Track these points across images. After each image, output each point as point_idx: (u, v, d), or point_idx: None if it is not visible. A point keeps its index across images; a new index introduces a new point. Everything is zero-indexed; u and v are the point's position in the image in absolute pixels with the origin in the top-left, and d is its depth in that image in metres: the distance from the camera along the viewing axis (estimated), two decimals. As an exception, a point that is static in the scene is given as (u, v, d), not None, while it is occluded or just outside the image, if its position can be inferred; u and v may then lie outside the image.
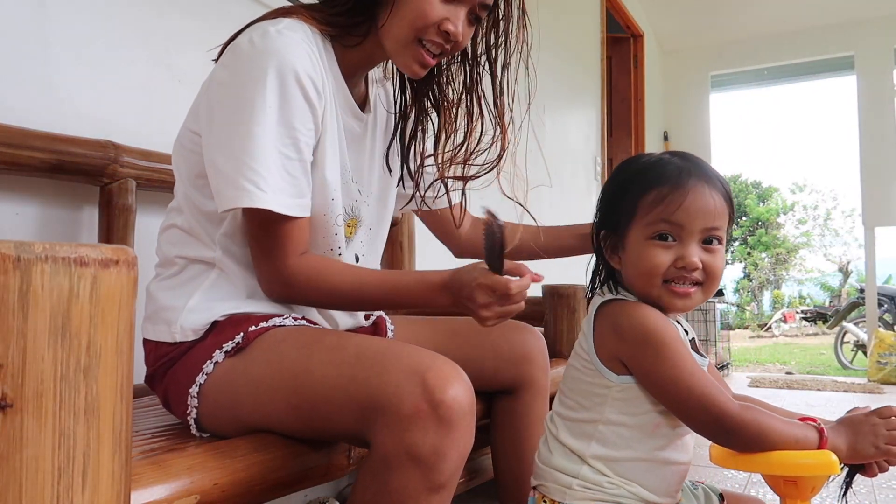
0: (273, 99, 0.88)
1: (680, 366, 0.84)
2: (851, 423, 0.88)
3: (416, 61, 0.99)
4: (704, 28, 5.36)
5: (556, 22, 3.48)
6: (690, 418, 0.86)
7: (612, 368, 0.88)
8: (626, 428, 0.88)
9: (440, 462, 0.75)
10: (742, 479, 2.10)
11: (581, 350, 0.92)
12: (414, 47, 0.98)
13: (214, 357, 0.90)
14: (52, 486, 0.49)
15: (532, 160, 1.17)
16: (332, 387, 0.81)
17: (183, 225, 0.98)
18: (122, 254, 0.52)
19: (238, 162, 0.87)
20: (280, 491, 0.85)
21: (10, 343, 0.47)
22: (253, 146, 0.86)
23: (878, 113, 4.95)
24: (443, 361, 0.80)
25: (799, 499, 0.90)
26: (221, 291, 0.96)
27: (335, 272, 0.94)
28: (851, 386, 4.34)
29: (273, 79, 0.88)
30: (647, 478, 0.89)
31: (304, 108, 0.91)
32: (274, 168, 0.88)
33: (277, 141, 0.88)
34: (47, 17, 1.21)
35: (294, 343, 0.88)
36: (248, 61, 0.89)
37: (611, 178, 0.97)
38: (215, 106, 0.91)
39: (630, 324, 0.87)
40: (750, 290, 18.25)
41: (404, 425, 0.75)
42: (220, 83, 0.92)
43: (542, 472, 0.92)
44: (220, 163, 0.89)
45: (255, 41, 0.90)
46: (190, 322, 0.93)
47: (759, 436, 0.84)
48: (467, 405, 0.78)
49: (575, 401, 0.91)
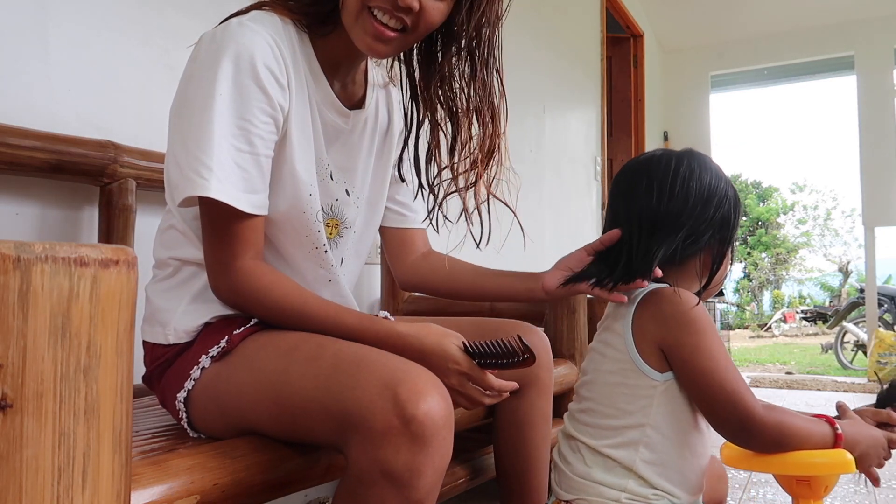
0: (226, 89, 0.85)
1: (717, 358, 0.84)
2: (871, 437, 0.90)
3: (368, 34, 0.91)
4: (704, 28, 5.36)
5: (556, 22, 3.48)
6: (715, 413, 0.86)
7: (655, 366, 0.87)
8: (673, 427, 0.87)
9: (415, 479, 0.73)
10: (742, 478, 2.10)
11: (614, 354, 0.90)
12: (365, 17, 0.90)
13: (201, 362, 0.90)
14: (52, 486, 0.49)
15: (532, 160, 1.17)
16: (310, 398, 0.79)
17: (178, 226, 0.98)
18: (122, 254, 0.52)
19: (190, 154, 0.84)
20: (280, 491, 0.85)
21: (10, 343, 0.47)
22: (204, 137, 0.84)
23: (878, 113, 4.95)
24: (417, 373, 0.76)
25: (812, 498, 0.89)
26: (212, 294, 0.95)
27: (280, 288, 0.89)
28: (851, 386, 4.35)
29: (227, 69, 0.85)
30: (688, 477, 0.89)
31: (259, 100, 0.87)
32: (224, 159, 0.84)
33: (228, 132, 0.85)
34: (47, 17, 1.21)
35: (274, 350, 0.86)
36: (206, 53, 0.87)
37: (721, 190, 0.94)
38: (176, 99, 0.90)
39: (672, 310, 0.86)
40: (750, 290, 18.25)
41: (377, 442, 0.73)
42: (182, 77, 0.91)
43: (582, 486, 0.90)
44: (176, 154, 0.86)
45: (217, 34, 0.88)
46: (183, 324, 0.93)
47: (780, 438, 0.85)
48: (441, 419, 0.74)
49: (615, 408, 0.89)
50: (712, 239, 0.92)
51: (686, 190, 0.91)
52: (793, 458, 0.85)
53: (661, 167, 0.93)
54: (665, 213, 0.91)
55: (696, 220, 0.91)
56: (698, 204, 0.91)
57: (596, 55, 4.06)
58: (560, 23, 3.54)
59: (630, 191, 0.95)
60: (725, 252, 0.95)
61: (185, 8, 1.46)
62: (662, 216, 0.91)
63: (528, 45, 3.07)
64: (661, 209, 0.91)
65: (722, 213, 0.92)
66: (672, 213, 0.90)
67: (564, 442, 0.96)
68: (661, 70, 5.58)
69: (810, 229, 19.85)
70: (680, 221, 0.90)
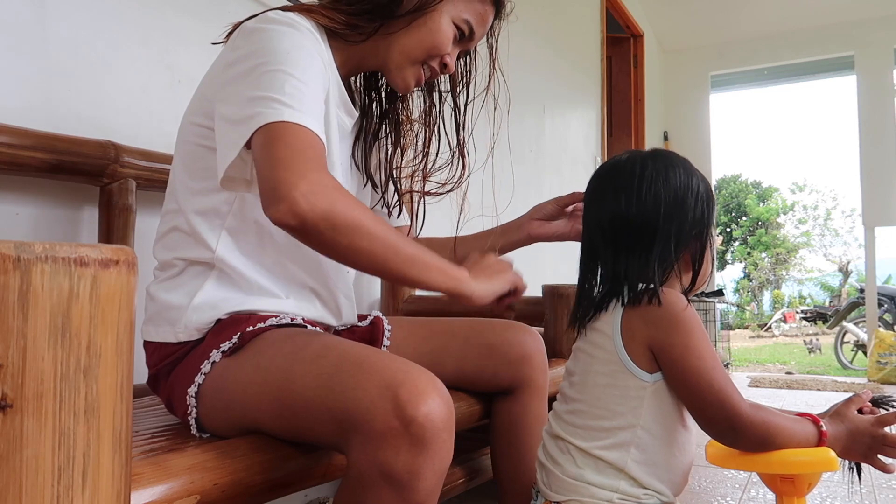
0: (287, 46, 0.87)
1: (705, 357, 0.84)
2: (852, 429, 0.90)
3: (414, 78, 1.06)
4: (704, 28, 5.36)
5: (556, 22, 3.48)
6: (703, 413, 0.86)
7: (644, 367, 0.87)
8: (662, 427, 0.88)
9: (415, 481, 0.73)
10: (742, 478, 2.10)
11: (603, 355, 0.90)
12: (417, 67, 1.05)
13: (212, 357, 0.90)
14: (52, 486, 0.49)
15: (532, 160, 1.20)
16: (312, 398, 0.79)
17: (182, 226, 0.97)
18: (122, 254, 0.52)
19: (254, 98, 0.83)
20: (280, 491, 0.85)
21: (10, 343, 0.47)
22: (270, 80, 0.83)
23: (878, 113, 4.95)
24: (418, 375, 0.76)
25: (796, 496, 0.90)
26: (224, 290, 0.95)
27: (359, 206, 0.83)
28: (851, 386, 4.35)
29: (290, 44, 0.88)
30: (676, 475, 0.90)
31: (317, 64, 0.91)
32: (298, 95, 0.84)
33: (292, 76, 0.85)
34: (47, 17, 1.21)
35: (281, 349, 0.87)
36: (263, 31, 0.89)
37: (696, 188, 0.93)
38: (229, 78, 0.89)
39: (662, 311, 0.86)
40: (750, 290, 18.26)
41: (377, 443, 0.73)
42: (234, 59, 0.90)
43: (574, 487, 0.89)
44: (229, 113, 0.85)
45: (270, 16, 0.92)
46: (194, 321, 0.93)
47: (766, 437, 0.85)
48: (442, 422, 0.74)
49: (605, 409, 0.89)
50: (690, 237, 0.92)
51: (655, 194, 0.90)
52: (777, 457, 0.85)
53: (627, 172, 0.92)
54: (637, 218, 0.90)
55: (672, 222, 0.90)
56: (671, 205, 0.90)
57: (596, 55, 4.06)
58: (560, 23, 3.54)
59: (600, 198, 0.95)
60: (705, 248, 0.94)
61: (185, 8, 1.46)
62: (635, 222, 0.90)
63: (528, 45, 3.07)
64: (632, 215, 0.90)
65: (697, 210, 0.91)
66: (645, 218, 0.89)
67: (552, 442, 0.95)
68: (661, 70, 5.58)
69: (810, 229, 19.87)
70: (656, 225, 0.89)
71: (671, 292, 0.88)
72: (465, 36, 1.06)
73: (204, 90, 0.96)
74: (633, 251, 0.90)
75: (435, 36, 1.02)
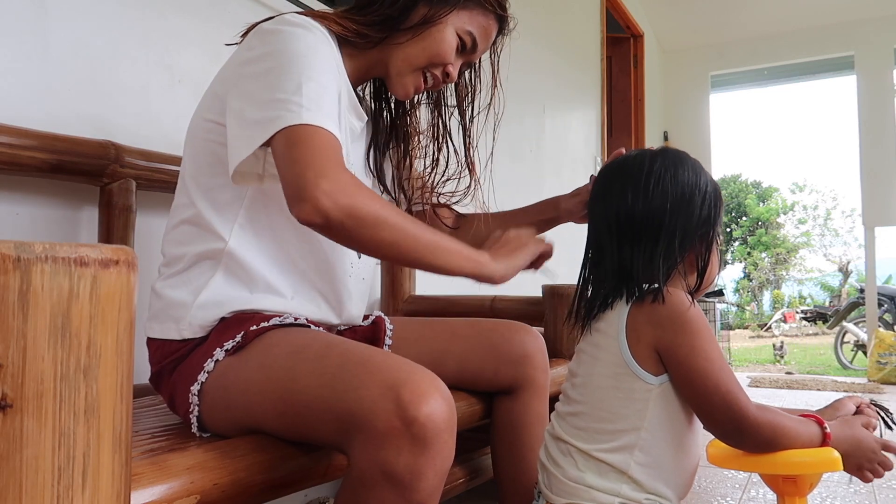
0: (303, 48, 0.89)
1: (712, 358, 0.84)
2: (855, 441, 0.90)
3: (413, 85, 1.08)
4: (704, 28, 5.36)
5: (556, 22, 3.48)
6: (709, 414, 0.86)
7: (650, 369, 0.86)
8: (668, 429, 0.87)
9: (416, 481, 0.73)
10: (742, 478, 2.10)
11: (607, 357, 0.89)
12: (418, 74, 1.07)
13: (215, 355, 0.90)
14: (52, 486, 0.49)
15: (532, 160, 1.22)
16: (315, 397, 0.80)
17: (193, 219, 0.98)
18: (122, 254, 0.52)
19: (271, 99, 0.85)
20: (280, 491, 0.85)
21: (10, 343, 0.47)
22: (285, 80, 0.86)
23: (878, 113, 4.95)
24: (420, 375, 0.77)
25: (797, 496, 0.90)
26: (230, 287, 0.95)
27: (379, 199, 0.86)
28: (851, 386, 4.34)
29: (306, 47, 0.90)
30: (681, 476, 0.89)
31: (332, 67, 0.94)
32: (316, 97, 0.86)
33: (308, 77, 0.87)
34: (47, 17, 1.21)
35: (285, 348, 0.87)
36: (280, 33, 0.91)
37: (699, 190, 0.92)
38: (244, 76, 0.91)
39: (668, 312, 0.86)
40: (750, 290, 18.25)
41: (378, 443, 0.73)
42: (249, 58, 0.92)
43: (574, 491, 0.89)
44: (244, 111, 0.87)
45: (287, 18, 0.94)
46: (199, 318, 0.93)
47: (773, 438, 0.85)
48: (443, 422, 0.74)
49: (609, 412, 0.88)
50: (696, 237, 0.91)
51: (662, 190, 0.89)
52: (781, 458, 0.85)
53: (635, 168, 0.92)
54: (643, 213, 0.89)
55: (678, 219, 0.89)
56: (677, 202, 0.89)
57: (596, 55, 4.06)
58: (560, 23, 3.54)
59: (606, 194, 0.94)
60: (711, 249, 0.93)
61: (185, 8, 1.46)
62: (641, 217, 0.89)
63: (528, 45, 3.07)
64: (638, 210, 0.89)
65: (703, 209, 0.91)
66: (651, 213, 0.89)
67: (553, 443, 0.94)
68: (661, 70, 5.58)
69: (810, 229, 19.86)
70: (662, 221, 0.88)
71: (676, 292, 0.87)
72: (468, 48, 1.09)
73: (216, 88, 0.98)
74: (638, 246, 0.89)
75: (439, 45, 1.05)
